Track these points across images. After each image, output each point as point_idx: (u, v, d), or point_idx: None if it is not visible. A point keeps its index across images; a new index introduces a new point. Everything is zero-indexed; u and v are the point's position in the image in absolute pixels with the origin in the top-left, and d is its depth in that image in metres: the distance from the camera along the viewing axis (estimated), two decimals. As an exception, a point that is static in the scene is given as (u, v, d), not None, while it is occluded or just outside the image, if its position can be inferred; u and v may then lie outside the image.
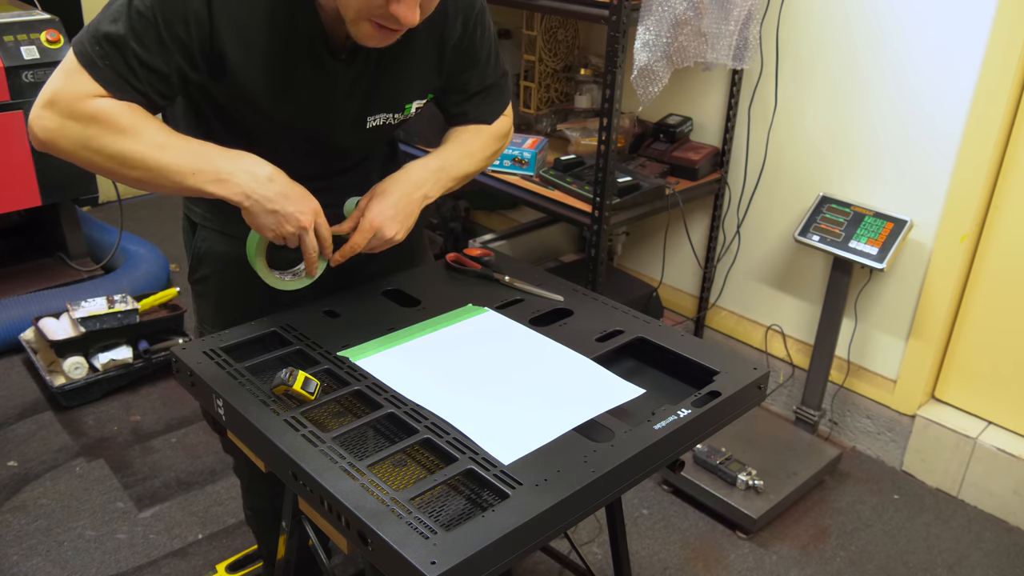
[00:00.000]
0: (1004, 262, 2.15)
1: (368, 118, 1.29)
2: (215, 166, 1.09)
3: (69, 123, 1.08)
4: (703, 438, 1.17)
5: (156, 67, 1.10)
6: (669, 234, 2.80)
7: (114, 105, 1.08)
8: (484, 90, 1.39)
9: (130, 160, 1.08)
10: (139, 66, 1.09)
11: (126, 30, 1.07)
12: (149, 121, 1.10)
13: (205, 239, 1.40)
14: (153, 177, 1.10)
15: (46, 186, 2.82)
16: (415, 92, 1.31)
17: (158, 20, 1.07)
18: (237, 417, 1.08)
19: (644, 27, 2.02)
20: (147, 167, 1.09)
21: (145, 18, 1.07)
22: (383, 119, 1.31)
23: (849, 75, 2.27)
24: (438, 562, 0.83)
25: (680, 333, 1.31)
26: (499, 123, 1.44)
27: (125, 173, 1.11)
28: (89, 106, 1.07)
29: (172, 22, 1.08)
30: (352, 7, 1.08)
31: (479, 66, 1.35)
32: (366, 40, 1.12)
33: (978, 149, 2.07)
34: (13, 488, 2.15)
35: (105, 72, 1.07)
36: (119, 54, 1.07)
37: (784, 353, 2.60)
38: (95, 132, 1.07)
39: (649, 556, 2.03)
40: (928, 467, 2.34)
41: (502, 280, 1.44)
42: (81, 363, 2.47)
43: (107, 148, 1.08)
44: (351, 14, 1.09)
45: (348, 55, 1.20)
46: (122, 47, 1.07)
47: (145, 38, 1.07)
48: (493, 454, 1.00)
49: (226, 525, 2.06)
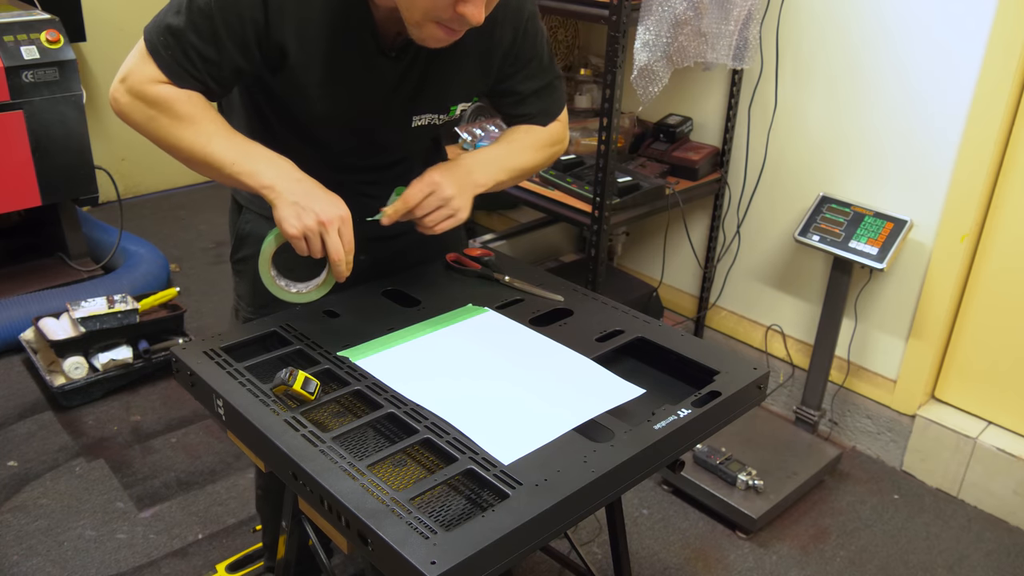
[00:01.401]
0: (1004, 262, 2.15)
1: (414, 117, 1.32)
2: (251, 160, 1.16)
3: (136, 102, 1.18)
4: (703, 438, 1.17)
5: (212, 58, 1.16)
6: (669, 234, 2.80)
7: (175, 93, 1.17)
8: (535, 93, 1.40)
9: (181, 146, 1.18)
10: (197, 57, 1.16)
11: (186, 23, 1.14)
12: (204, 112, 1.18)
13: (248, 221, 1.44)
14: (198, 163, 1.19)
15: (46, 186, 2.82)
16: (460, 94, 1.34)
17: (214, 15, 1.14)
18: (237, 417, 1.08)
19: (644, 27, 2.02)
20: (194, 154, 1.18)
21: (203, 12, 1.14)
22: (428, 119, 1.33)
23: (849, 75, 2.27)
24: (438, 562, 0.83)
25: (680, 333, 1.31)
26: (553, 127, 1.45)
27: (177, 156, 1.21)
28: (152, 90, 1.17)
29: (228, 18, 1.14)
30: (419, 9, 1.09)
31: (528, 70, 1.37)
32: (429, 41, 1.15)
33: (978, 149, 2.07)
34: (13, 488, 2.15)
35: (167, 61, 1.16)
36: (179, 45, 1.15)
37: (784, 353, 2.60)
38: (155, 114, 1.17)
39: (649, 556, 2.03)
40: (928, 467, 2.34)
41: (502, 280, 1.44)
42: (81, 363, 2.47)
43: (164, 131, 1.18)
44: (417, 16, 1.11)
45: (397, 53, 1.23)
46: (181, 39, 1.15)
47: (203, 31, 1.15)
48: (493, 454, 1.00)
49: (226, 525, 2.06)
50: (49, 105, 2.74)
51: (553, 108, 1.44)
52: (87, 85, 3.54)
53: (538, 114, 1.42)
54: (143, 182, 4.00)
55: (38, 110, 2.72)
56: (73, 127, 2.82)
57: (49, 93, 2.73)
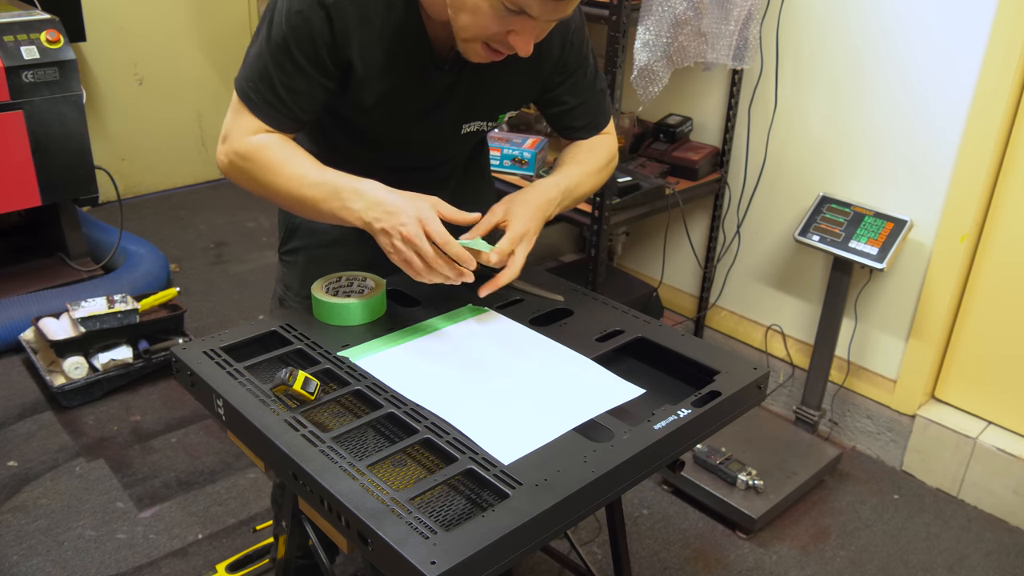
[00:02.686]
0: (1004, 262, 2.15)
1: (463, 125, 1.35)
2: (339, 197, 1.19)
3: (235, 159, 1.24)
4: (703, 438, 1.17)
5: (300, 89, 1.21)
6: (669, 234, 2.80)
7: (265, 143, 1.22)
8: (583, 104, 1.42)
9: (277, 192, 1.23)
10: (286, 92, 1.21)
11: (269, 62, 1.20)
12: (294, 156, 1.22)
13: None
14: (295, 206, 1.25)
15: (46, 186, 2.82)
16: (510, 103, 1.37)
17: (291, 47, 1.18)
18: (237, 417, 1.08)
19: (644, 27, 2.02)
20: (290, 199, 1.23)
21: (281, 48, 1.19)
22: (476, 126, 1.37)
23: (849, 75, 2.27)
24: (438, 562, 0.82)
25: (680, 333, 1.31)
26: (608, 144, 1.47)
27: (277, 202, 1.28)
28: (246, 144, 1.23)
29: (303, 45, 1.18)
30: (469, 30, 1.13)
31: (575, 79, 1.39)
32: (473, 57, 1.18)
33: (978, 149, 2.07)
34: (13, 488, 2.15)
35: (260, 105, 1.22)
36: (267, 85, 1.21)
37: (784, 353, 2.60)
38: (251, 167, 1.23)
39: (649, 556, 2.03)
40: (928, 467, 2.34)
41: (502, 280, 1.44)
42: (81, 363, 2.47)
43: (260, 181, 1.24)
44: (466, 35, 1.14)
45: (451, 65, 1.25)
46: (268, 79, 1.20)
47: (285, 66, 1.20)
48: (493, 454, 1.00)
49: (226, 525, 2.06)
50: (49, 105, 2.74)
51: (601, 120, 1.46)
52: (87, 85, 3.54)
53: (586, 126, 1.45)
54: (143, 182, 4.00)
55: (38, 110, 2.72)
56: (73, 127, 2.82)
57: (49, 93, 2.73)
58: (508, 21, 1.09)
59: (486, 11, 1.09)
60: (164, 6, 3.77)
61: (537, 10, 1.07)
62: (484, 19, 1.10)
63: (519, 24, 1.10)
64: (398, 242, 1.14)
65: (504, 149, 2.42)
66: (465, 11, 1.11)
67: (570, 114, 1.43)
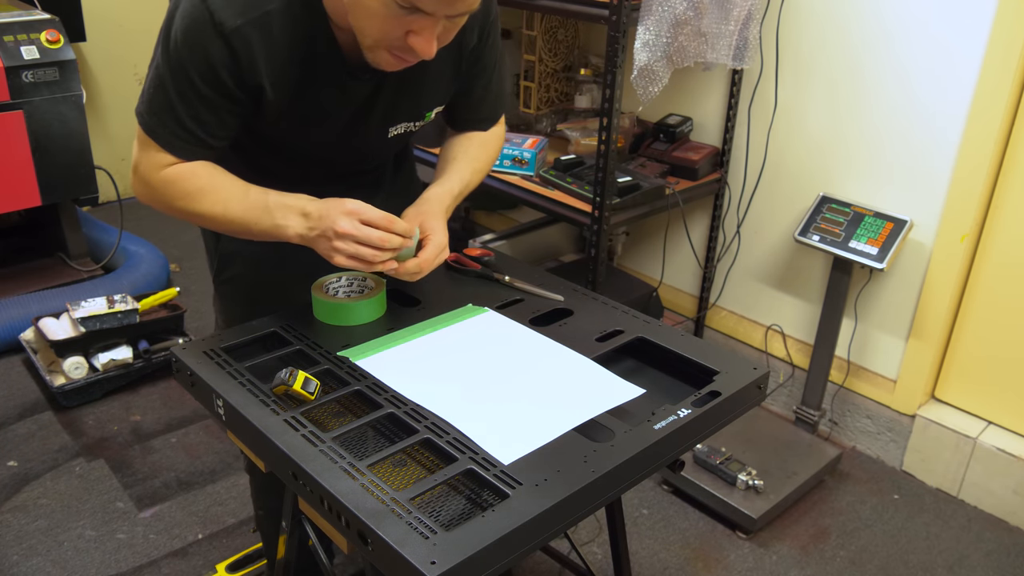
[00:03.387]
0: (1004, 262, 2.15)
1: (390, 128, 1.32)
2: (271, 216, 1.18)
3: (150, 189, 1.21)
4: (703, 438, 1.17)
5: (208, 120, 1.16)
6: (669, 234, 2.80)
7: (181, 171, 1.18)
8: (489, 96, 1.40)
9: (205, 218, 1.21)
10: (194, 123, 1.16)
11: (171, 93, 1.14)
12: (212, 179, 1.19)
13: (232, 240, 1.42)
14: (227, 229, 1.23)
15: (46, 186, 2.82)
16: (436, 100, 1.34)
17: (192, 77, 1.12)
18: (237, 417, 1.08)
19: (644, 27, 2.02)
20: (218, 223, 1.22)
21: (181, 78, 1.13)
22: (404, 127, 1.34)
23: (849, 75, 2.27)
24: (438, 562, 0.83)
25: (680, 333, 1.31)
26: (500, 133, 1.47)
27: (208, 227, 1.26)
28: (159, 176, 1.19)
29: (206, 76, 1.12)
30: (370, 36, 1.09)
31: (487, 72, 1.37)
32: (381, 65, 1.14)
33: (978, 149, 2.07)
34: (13, 488, 2.15)
35: (166, 138, 1.17)
36: (173, 118, 1.15)
37: (784, 353, 2.60)
38: (171, 196, 1.20)
39: (649, 556, 2.04)
40: (928, 467, 2.34)
41: (502, 280, 1.44)
42: (81, 363, 2.47)
43: (184, 210, 1.21)
44: (368, 42, 1.11)
45: (369, 74, 1.21)
46: (172, 111, 1.15)
47: (189, 96, 1.14)
48: (493, 454, 1.00)
49: (226, 525, 2.06)
50: (49, 105, 2.74)
51: (501, 110, 1.45)
52: (87, 85, 3.54)
53: (487, 118, 1.43)
54: (143, 182, 4.00)
55: (38, 110, 2.72)
56: (73, 127, 2.82)
57: (49, 93, 2.73)
58: (405, 21, 1.05)
59: (380, 12, 1.04)
60: (164, 6, 3.74)
61: (431, 5, 1.03)
62: (380, 21, 1.06)
63: (417, 24, 1.06)
64: (337, 242, 1.13)
65: (504, 149, 2.42)
66: (362, 16, 1.07)
67: (477, 105, 1.40)
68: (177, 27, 1.11)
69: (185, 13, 1.10)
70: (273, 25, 1.12)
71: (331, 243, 1.14)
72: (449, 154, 1.42)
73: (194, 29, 1.10)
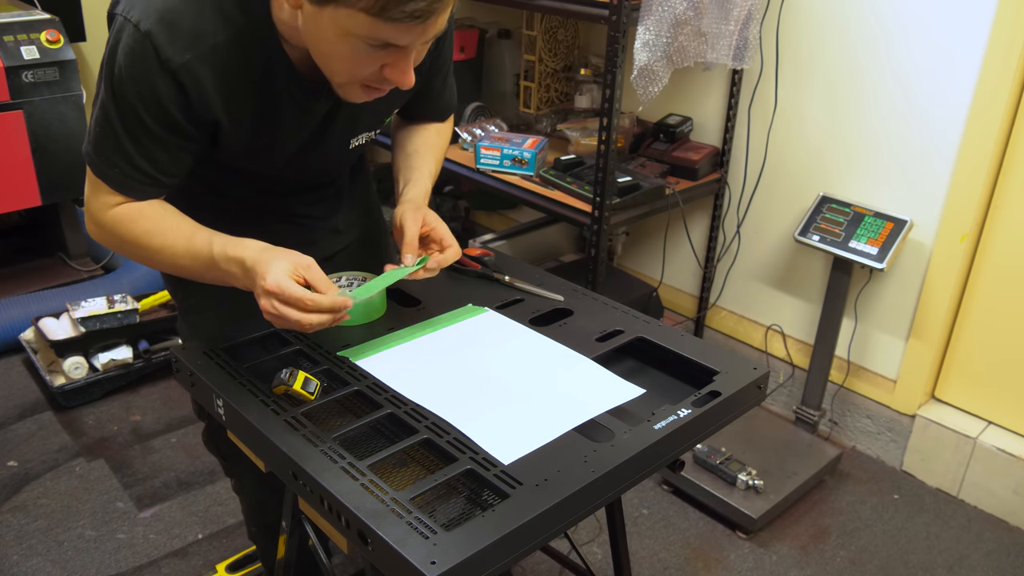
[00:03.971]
0: (1004, 262, 2.15)
1: (351, 140, 1.30)
2: (217, 267, 1.12)
3: (101, 230, 1.17)
4: (703, 438, 1.17)
5: (160, 158, 1.11)
6: (669, 234, 2.80)
7: (128, 211, 1.14)
8: (447, 88, 1.41)
9: (153, 263, 1.18)
10: (146, 162, 1.11)
11: (120, 133, 1.08)
12: (161, 223, 1.14)
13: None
14: (177, 274, 1.19)
15: (46, 186, 2.82)
16: (394, 105, 1.33)
17: (140, 115, 1.07)
18: (237, 417, 1.08)
19: (644, 27, 2.02)
20: (168, 268, 1.18)
21: (129, 117, 1.07)
22: (365, 138, 1.33)
23: (849, 75, 2.27)
24: (438, 562, 0.83)
25: (680, 333, 1.31)
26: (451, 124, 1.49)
27: (160, 269, 1.22)
28: (108, 216, 1.14)
29: (154, 113, 1.07)
30: (342, 75, 1.05)
31: (446, 66, 1.36)
32: (354, 99, 1.10)
33: (978, 149, 2.07)
34: (13, 488, 2.15)
35: (117, 179, 1.12)
36: (123, 159, 1.10)
37: (784, 353, 2.60)
38: (119, 240, 1.16)
39: (649, 556, 2.04)
40: (928, 467, 2.34)
41: (502, 280, 1.44)
42: (81, 363, 2.47)
43: (132, 253, 1.17)
44: (340, 79, 1.07)
45: (326, 93, 1.17)
46: (122, 151, 1.09)
47: (139, 135, 1.08)
48: (493, 454, 1.00)
49: (226, 525, 2.06)
50: (49, 105, 2.74)
51: (454, 103, 1.46)
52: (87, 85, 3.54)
53: (447, 108, 1.43)
54: (143, 182, 4.00)
55: (38, 110, 2.72)
56: (73, 127, 2.82)
57: (49, 93, 2.73)
58: (378, 57, 1.01)
59: (350, 55, 1.00)
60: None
61: (404, 38, 0.98)
62: (350, 62, 1.02)
63: (390, 57, 1.02)
64: (263, 299, 1.06)
65: (504, 149, 2.42)
66: (331, 58, 1.03)
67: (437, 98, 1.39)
68: (121, 63, 1.04)
69: (128, 49, 1.04)
70: (222, 57, 1.06)
71: (259, 300, 1.07)
72: (411, 147, 1.40)
73: (139, 66, 1.04)
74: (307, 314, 1.05)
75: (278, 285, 1.04)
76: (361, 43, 0.98)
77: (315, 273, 1.08)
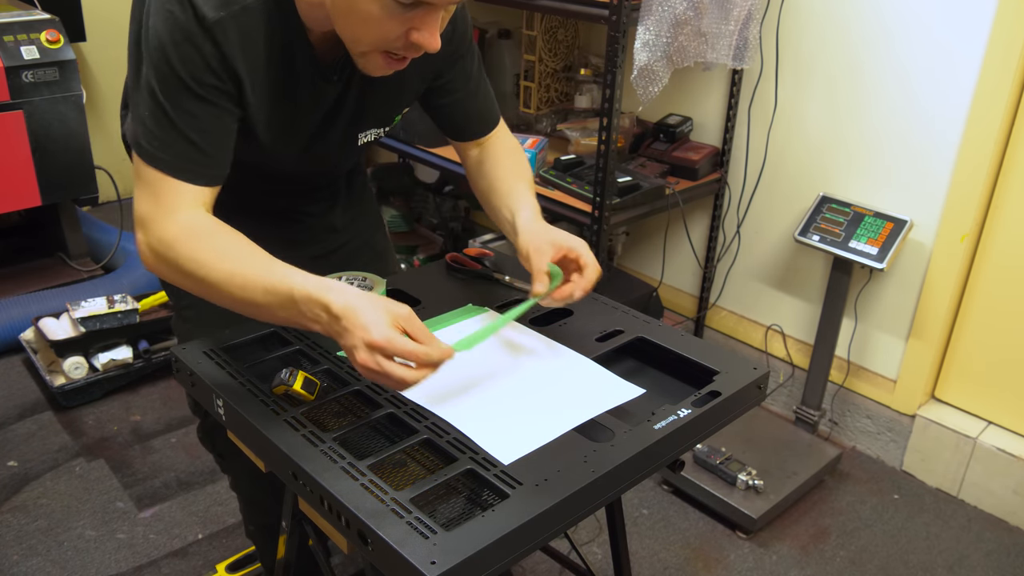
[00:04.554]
0: (1004, 262, 2.15)
1: (359, 135, 1.29)
2: (295, 306, 1.00)
3: (161, 249, 1.06)
4: (703, 438, 1.17)
5: (210, 127, 1.07)
6: (669, 234, 2.80)
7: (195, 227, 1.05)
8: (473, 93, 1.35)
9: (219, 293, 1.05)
10: (198, 135, 1.06)
11: (167, 106, 1.04)
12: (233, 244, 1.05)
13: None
14: (240, 310, 1.06)
15: (46, 186, 2.82)
16: (404, 102, 1.31)
17: (185, 80, 1.04)
18: (237, 417, 1.08)
19: (644, 27, 2.02)
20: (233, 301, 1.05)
21: (174, 85, 1.04)
22: (373, 134, 1.31)
23: (849, 75, 2.27)
24: (438, 562, 0.82)
25: (680, 333, 1.31)
26: (515, 140, 1.40)
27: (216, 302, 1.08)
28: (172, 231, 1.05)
29: (198, 75, 1.04)
30: (365, 41, 1.03)
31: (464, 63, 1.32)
32: (375, 71, 1.08)
33: (978, 149, 2.07)
34: (13, 488, 2.15)
35: (172, 162, 1.06)
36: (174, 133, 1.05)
37: (784, 353, 2.60)
38: (182, 261, 1.05)
39: (649, 556, 2.03)
40: (928, 467, 2.34)
41: (502, 280, 1.44)
42: (81, 363, 2.47)
43: (195, 277, 1.05)
44: (363, 47, 1.04)
45: (338, 76, 1.17)
46: (172, 126, 1.05)
47: (186, 103, 1.04)
48: (493, 454, 1.00)
49: (226, 525, 2.06)
50: (49, 105, 2.74)
51: (495, 112, 1.37)
52: (87, 85, 3.54)
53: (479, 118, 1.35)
54: (143, 182, 4.00)
55: (38, 110, 2.72)
56: (73, 127, 2.82)
57: (49, 93, 2.73)
58: (406, 18, 0.99)
59: (378, 14, 0.98)
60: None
61: None
62: (378, 24, 0.99)
63: (418, 19, 0.99)
64: (362, 353, 0.94)
65: (504, 149, 2.41)
66: (356, 22, 1.00)
67: (461, 106, 1.33)
68: (160, 30, 1.03)
69: (164, 14, 1.03)
70: (250, 21, 1.06)
71: (355, 354, 0.96)
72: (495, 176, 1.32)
73: (179, 29, 1.03)
74: (415, 371, 0.96)
75: (387, 339, 0.93)
76: (391, 1, 0.97)
77: (416, 324, 0.98)
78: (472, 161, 1.40)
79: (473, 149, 1.40)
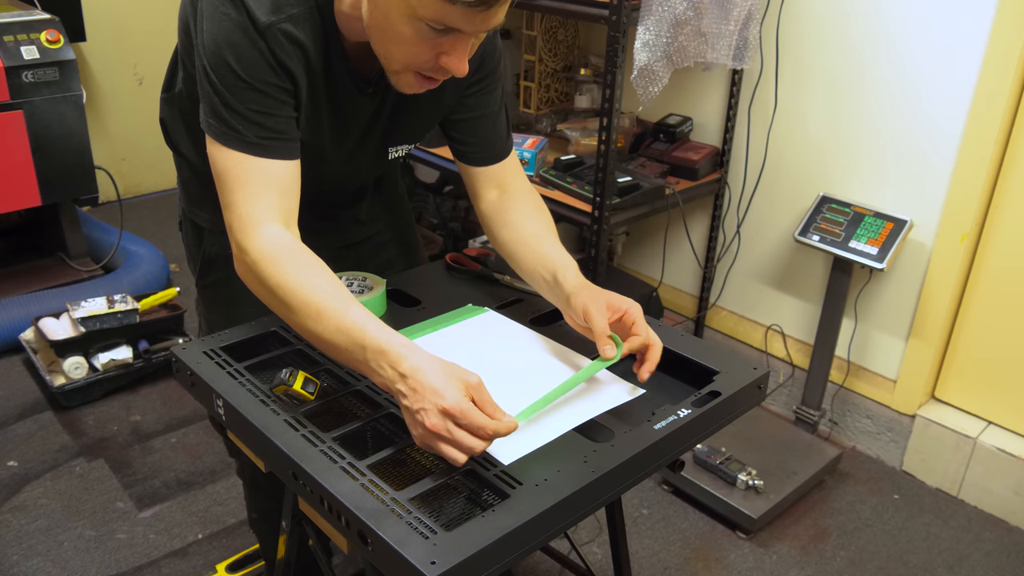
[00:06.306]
0: (1004, 262, 2.15)
1: (390, 149, 1.31)
2: (363, 352, 1.00)
3: (248, 277, 1.10)
4: (703, 438, 1.17)
5: (277, 112, 1.10)
6: (669, 234, 2.80)
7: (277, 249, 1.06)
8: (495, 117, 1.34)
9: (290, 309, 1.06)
10: (266, 119, 1.09)
11: (233, 102, 1.07)
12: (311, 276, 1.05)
13: (215, 243, 1.40)
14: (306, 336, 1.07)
15: (46, 186, 2.82)
16: (434, 119, 1.32)
17: (244, 78, 1.07)
18: (237, 417, 1.08)
19: (644, 27, 2.02)
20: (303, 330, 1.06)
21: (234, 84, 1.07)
22: (404, 149, 1.33)
23: (849, 75, 2.27)
24: (438, 562, 0.82)
25: (680, 333, 1.31)
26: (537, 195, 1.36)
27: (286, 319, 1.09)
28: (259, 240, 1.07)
29: (256, 73, 1.07)
30: (397, 60, 1.06)
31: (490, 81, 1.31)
32: (407, 88, 1.11)
33: (978, 149, 2.07)
34: (13, 488, 2.15)
35: (246, 136, 1.08)
36: (252, 117, 1.08)
37: (784, 353, 2.60)
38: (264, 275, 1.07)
39: (649, 556, 2.03)
40: (928, 467, 2.34)
41: (502, 280, 1.44)
42: (81, 363, 2.47)
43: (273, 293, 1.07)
44: (395, 65, 1.07)
45: (373, 89, 1.20)
46: (240, 113, 1.08)
47: (249, 101, 1.08)
48: (493, 454, 0.99)
49: (226, 525, 2.06)
50: (49, 105, 2.74)
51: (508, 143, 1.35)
52: (87, 85, 3.54)
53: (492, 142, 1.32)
54: (143, 182, 4.00)
55: (38, 110, 2.72)
56: (73, 127, 2.82)
57: (49, 93, 2.73)
58: (437, 43, 1.02)
59: (411, 37, 1.01)
60: (164, 6, 3.77)
61: (466, 23, 0.98)
62: (411, 46, 1.02)
63: (448, 44, 1.02)
64: (433, 418, 0.93)
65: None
66: (389, 41, 1.04)
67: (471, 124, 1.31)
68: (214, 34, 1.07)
69: (219, 17, 1.06)
70: (297, 27, 1.09)
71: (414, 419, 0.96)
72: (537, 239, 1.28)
73: (236, 27, 1.06)
74: (483, 441, 0.94)
75: (460, 409, 0.92)
76: (424, 26, 0.99)
77: (484, 394, 0.97)
78: (490, 205, 1.34)
79: (492, 191, 1.35)
